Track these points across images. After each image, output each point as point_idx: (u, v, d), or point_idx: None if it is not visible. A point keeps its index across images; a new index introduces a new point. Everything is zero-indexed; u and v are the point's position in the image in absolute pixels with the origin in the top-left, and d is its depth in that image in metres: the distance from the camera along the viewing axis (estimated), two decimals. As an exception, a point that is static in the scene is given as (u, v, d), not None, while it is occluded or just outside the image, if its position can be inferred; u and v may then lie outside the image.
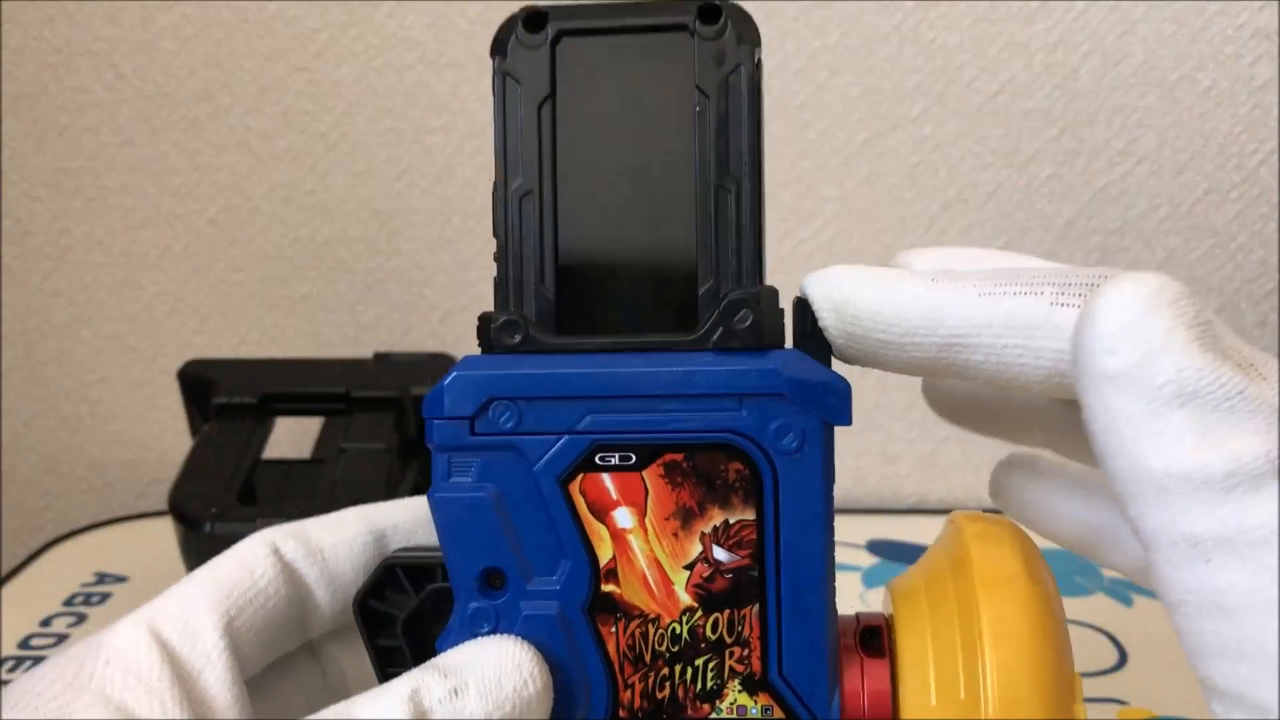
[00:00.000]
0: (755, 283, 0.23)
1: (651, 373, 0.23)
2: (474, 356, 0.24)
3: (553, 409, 0.23)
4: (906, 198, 0.59)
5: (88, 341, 0.64)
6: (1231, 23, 0.56)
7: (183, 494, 0.45)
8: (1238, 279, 0.60)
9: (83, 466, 0.66)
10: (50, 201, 0.62)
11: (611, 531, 0.23)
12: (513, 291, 0.24)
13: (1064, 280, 0.22)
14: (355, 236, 0.62)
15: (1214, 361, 0.19)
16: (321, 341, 0.63)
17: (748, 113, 0.23)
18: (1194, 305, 0.19)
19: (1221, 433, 0.19)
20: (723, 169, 0.23)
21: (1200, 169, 0.58)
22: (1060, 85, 0.58)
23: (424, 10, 0.58)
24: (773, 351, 0.23)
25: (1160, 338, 0.19)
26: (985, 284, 0.22)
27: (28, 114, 0.61)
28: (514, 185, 0.24)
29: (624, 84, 0.24)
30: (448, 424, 0.23)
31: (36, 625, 0.49)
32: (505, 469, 0.23)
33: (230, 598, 0.24)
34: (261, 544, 0.25)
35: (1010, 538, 0.24)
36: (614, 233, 0.24)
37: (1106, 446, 0.20)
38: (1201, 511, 0.19)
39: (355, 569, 0.26)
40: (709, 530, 0.23)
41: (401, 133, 0.60)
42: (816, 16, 0.57)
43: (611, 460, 0.23)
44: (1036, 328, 0.21)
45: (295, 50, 0.59)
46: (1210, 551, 0.19)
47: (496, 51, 0.24)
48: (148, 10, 0.59)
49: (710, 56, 0.23)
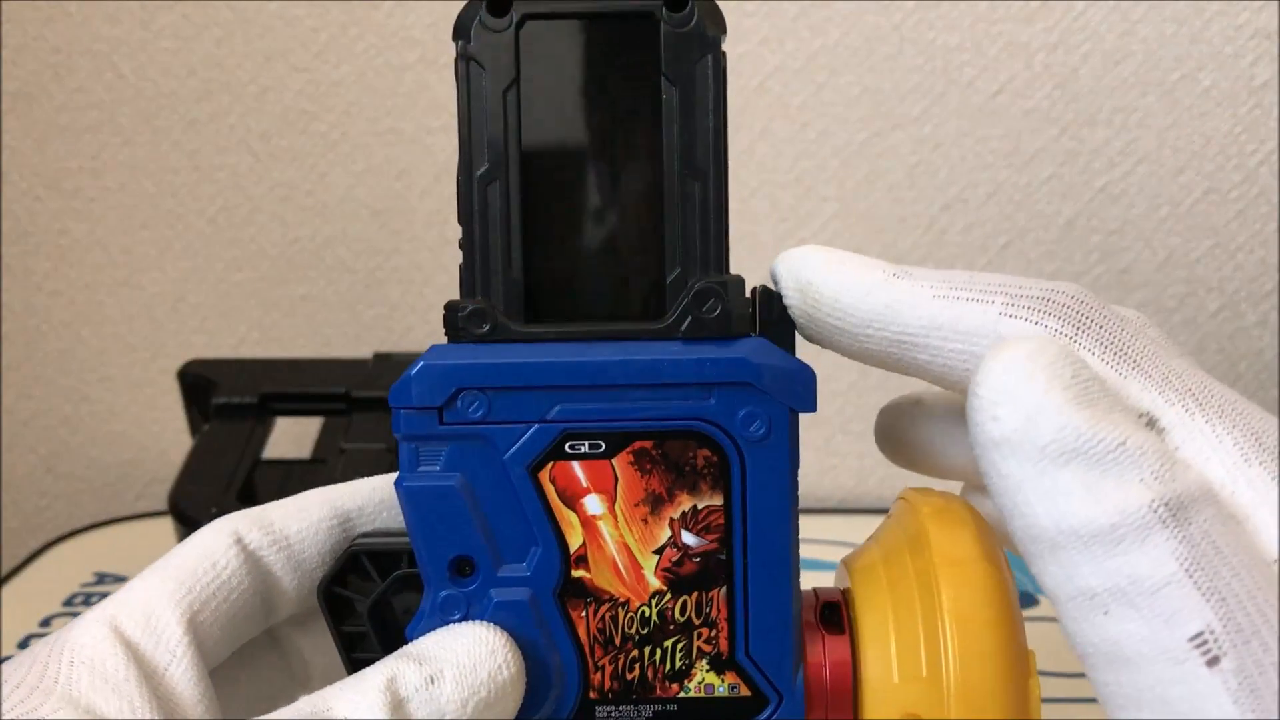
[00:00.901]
0: (722, 271, 0.23)
1: (621, 362, 0.23)
2: (441, 345, 0.24)
3: (522, 398, 0.23)
4: (906, 198, 0.59)
5: (88, 341, 0.64)
6: (1231, 23, 0.56)
7: (183, 494, 0.45)
8: (1238, 279, 0.60)
9: (83, 466, 0.66)
10: (50, 201, 0.62)
11: (581, 518, 0.24)
12: (479, 279, 0.24)
13: (1016, 291, 0.22)
14: (355, 236, 0.62)
15: (1093, 418, 0.19)
16: (321, 341, 0.63)
17: (713, 101, 0.23)
18: (1071, 365, 0.20)
19: (1106, 487, 0.19)
20: (689, 157, 0.23)
21: (1200, 169, 0.58)
22: (1060, 85, 0.58)
23: (424, 10, 0.58)
24: (740, 340, 0.23)
25: (1038, 400, 0.19)
26: (940, 285, 0.22)
27: (28, 114, 0.61)
28: (479, 171, 0.24)
29: (589, 70, 0.23)
30: (415, 414, 0.23)
31: (36, 625, 0.49)
32: (473, 457, 0.23)
33: (193, 591, 0.24)
34: (224, 533, 0.25)
35: (967, 517, 0.24)
36: (580, 219, 0.24)
37: (1004, 509, 0.20)
38: (1094, 565, 0.19)
39: (321, 554, 0.25)
40: (678, 516, 0.24)
41: (401, 133, 0.60)
42: (817, 16, 0.57)
43: (581, 448, 0.23)
44: (982, 335, 0.22)
45: (295, 50, 0.59)
46: (1107, 604, 0.19)
47: (459, 35, 0.23)
48: (148, 10, 0.59)
49: (677, 45, 0.23)
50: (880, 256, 0.24)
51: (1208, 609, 0.18)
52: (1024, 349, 0.20)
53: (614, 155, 0.24)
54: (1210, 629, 0.18)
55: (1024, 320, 0.22)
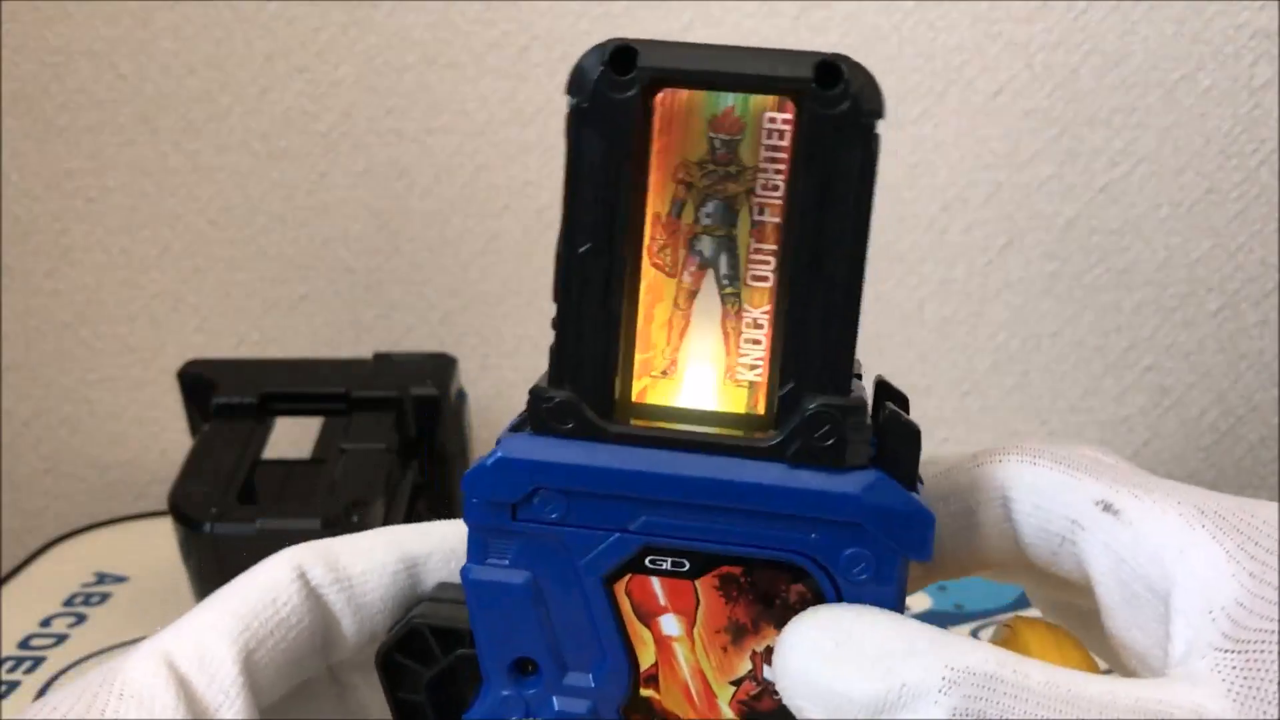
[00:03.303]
0: (843, 392, 0.21)
1: (718, 481, 0.21)
2: (521, 435, 0.21)
3: (604, 505, 0.21)
4: (906, 198, 0.59)
5: (88, 341, 0.64)
6: (1232, 23, 0.56)
7: (183, 494, 0.45)
8: (1238, 279, 0.60)
9: (83, 466, 0.66)
10: (50, 201, 0.62)
11: (656, 637, 0.22)
12: (570, 365, 0.21)
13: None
14: (355, 236, 0.62)
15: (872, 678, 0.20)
16: (321, 341, 0.63)
17: (858, 198, 0.20)
18: (831, 631, 0.21)
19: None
20: (820, 260, 0.20)
21: (1201, 169, 0.58)
22: (1061, 85, 0.58)
23: (424, 10, 0.58)
24: (854, 472, 0.21)
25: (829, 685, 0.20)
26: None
27: (28, 114, 0.61)
28: (581, 246, 0.21)
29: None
30: (488, 506, 0.21)
31: (36, 625, 0.49)
32: (546, 557, 0.22)
33: (250, 629, 0.23)
34: (287, 567, 0.24)
35: (1077, 652, 0.23)
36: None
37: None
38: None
39: (384, 599, 0.25)
40: (761, 649, 0.22)
41: (401, 133, 0.60)
42: (817, 16, 0.57)
43: (663, 564, 0.21)
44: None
45: (295, 50, 0.59)
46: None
47: (575, 90, 0.20)
48: (147, 10, 0.59)
49: (824, 127, 0.20)
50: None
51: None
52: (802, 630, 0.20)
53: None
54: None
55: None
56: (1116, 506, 0.22)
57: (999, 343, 0.61)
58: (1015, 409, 0.62)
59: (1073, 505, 0.23)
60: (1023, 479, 0.23)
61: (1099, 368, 0.62)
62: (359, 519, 0.43)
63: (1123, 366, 0.61)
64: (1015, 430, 0.62)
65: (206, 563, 0.44)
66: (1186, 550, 0.21)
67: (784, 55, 0.20)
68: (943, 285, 0.60)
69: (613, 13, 0.58)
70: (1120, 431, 0.62)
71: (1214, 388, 0.62)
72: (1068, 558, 0.23)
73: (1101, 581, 0.22)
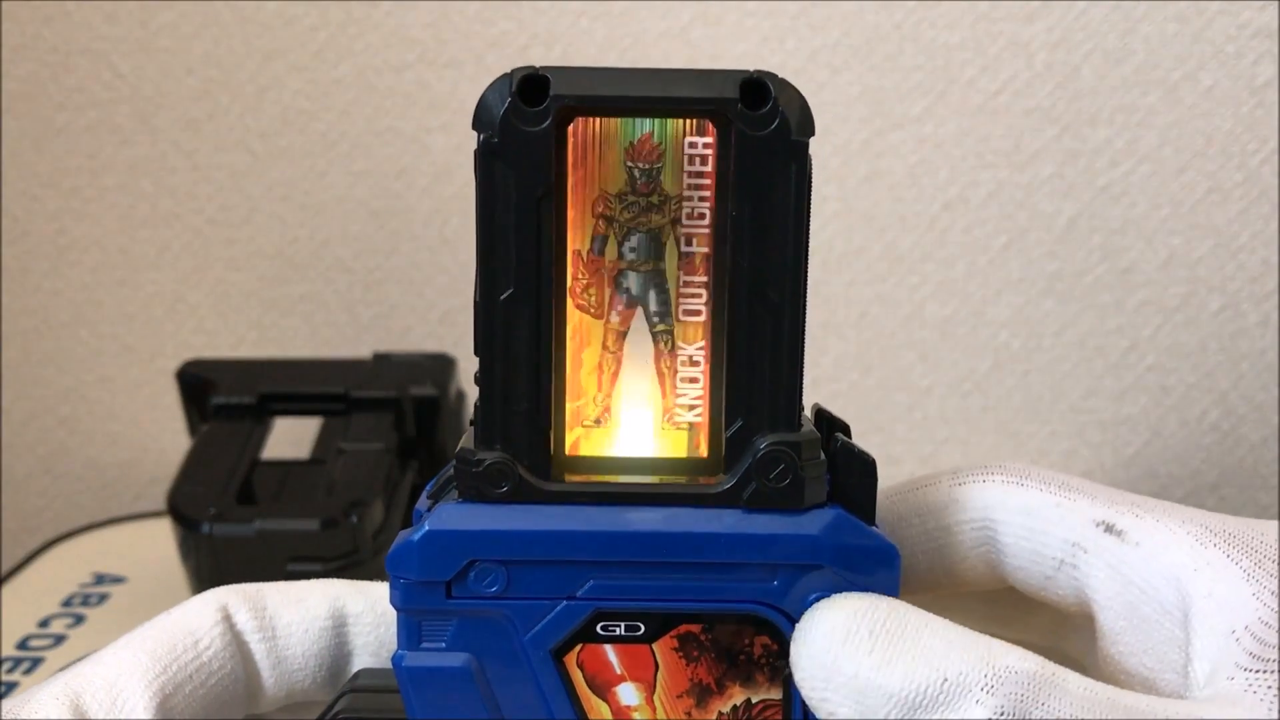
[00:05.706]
0: (793, 426, 0.20)
1: (668, 535, 0.19)
2: (449, 504, 0.20)
3: (548, 573, 0.20)
4: (906, 198, 0.59)
5: (87, 341, 0.64)
6: (1233, 21, 0.56)
7: (181, 494, 0.45)
8: (1240, 279, 0.60)
9: (82, 466, 0.66)
10: (49, 201, 0.62)
11: (614, 709, 0.20)
12: (499, 424, 0.19)
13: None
14: (354, 236, 0.62)
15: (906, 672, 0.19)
16: (321, 341, 0.63)
17: (795, 221, 0.19)
18: (868, 620, 0.20)
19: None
20: (759, 286, 0.19)
21: (1202, 168, 0.58)
22: (1061, 84, 0.57)
23: (424, 10, 0.58)
24: (810, 511, 0.20)
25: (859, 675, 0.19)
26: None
27: (26, 114, 0.61)
28: (502, 293, 0.19)
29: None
30: (418, 587, 0.20)
31: (35, 626, 0.49)
32: (487, 635, 0.20)
33: (168, 671, 0.21)
34: (212, 608, 0.22)
35: None
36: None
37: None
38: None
39: (305, 655, 0.23)
40: (728, 710, 0.20)
41: (401, 132, 0.60)
42: (817, 15, 0.57)
43: (616, 630, 0.20)
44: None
45: (295, 50, 0.59)
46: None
47: (482, 125, 0.18)
48: (146, 9, 0.59)
49: (754, 150, 0.19)
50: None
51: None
52: (832, 619, 0.19)
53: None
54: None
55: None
56: (1119, 527, 0.21)
57: (1000, 342, 0.61)
58: (1016, 409, 0.62)
59: (1071, 527, 0.22)
60: (1009, 502, 0.22)
61: (1100, 367, 0.61)
62: (358, 519, 0.43)
63: (1124, 366, 0.61)
64: (1016, 430, 0.62)
65: (205, 563, 0.44)
66: (1201, 570, 0.20)
67: (706, 76, 0.19)
68: (943, 285, 0.60)
69: (613, 12, 0.58)
70: (1121, 431, 0.62)
71: (1215, 388, 0.61)
72: (1065, 582, 0.22)
73: (1106, 605, 0.22)
